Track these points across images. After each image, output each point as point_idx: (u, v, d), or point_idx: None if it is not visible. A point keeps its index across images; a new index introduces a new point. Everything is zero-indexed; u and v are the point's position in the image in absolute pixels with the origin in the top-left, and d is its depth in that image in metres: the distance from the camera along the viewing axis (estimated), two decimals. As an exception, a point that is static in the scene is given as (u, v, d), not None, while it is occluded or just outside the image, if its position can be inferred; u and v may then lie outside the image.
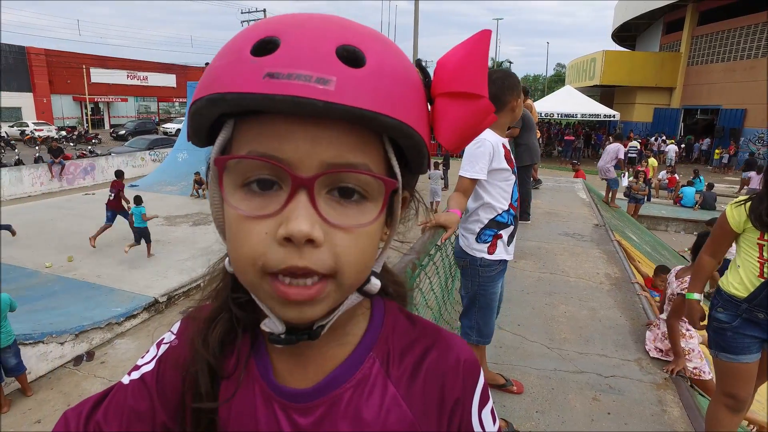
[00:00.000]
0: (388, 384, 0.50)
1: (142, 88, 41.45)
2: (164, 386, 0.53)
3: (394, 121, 0.41)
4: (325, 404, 0.49)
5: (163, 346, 0.57)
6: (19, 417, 4.59)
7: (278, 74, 0.38)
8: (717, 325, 2.03)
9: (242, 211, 0.41)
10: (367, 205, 0.43)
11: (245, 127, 0.42)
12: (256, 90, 0.38)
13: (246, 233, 0.41)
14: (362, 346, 0.52)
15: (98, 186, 15.70)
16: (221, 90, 0.40)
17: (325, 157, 0.40)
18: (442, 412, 0.52)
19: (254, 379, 0.51)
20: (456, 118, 0.47)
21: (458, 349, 0.54)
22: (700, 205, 13.28)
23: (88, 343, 5.84)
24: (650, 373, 2.85)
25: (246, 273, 0.43)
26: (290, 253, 0.40)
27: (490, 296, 2.25)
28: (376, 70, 0.41)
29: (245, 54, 0.40)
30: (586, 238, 5.71)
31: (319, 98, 0.37)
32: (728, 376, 2.04)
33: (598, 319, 3.55)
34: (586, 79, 28.19)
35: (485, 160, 2.09)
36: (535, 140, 5.89)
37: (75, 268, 8.01)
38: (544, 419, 2.40)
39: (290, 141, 0.40)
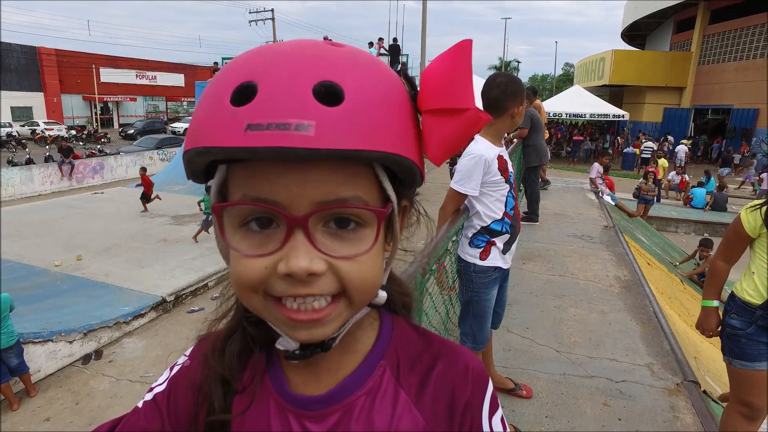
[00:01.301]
0: (399, 391, 0.52)
1: (151, 88, 41.76)
2: (176, 406, 0.55)
3: (378, 154, 0.42)
4: (339, 412, 0.50)
5: (176, 367, 0.59)
6: (29, 415, 4.61)
7: (258, 125, 0.39)
8: (731, 332, 1.99)
9: (242, 252, 0.43)
10: (365, 232, 0.45)
11: (237, 172, 0.44)
12: (239, 144, 0.39)
13: (246, 269, 0.43)
14: (373, 355, 0.53)
15: (107, 185, 15.83)
16: (207, 144, 0.41)
17: (315, 196, 0.42)
18: (453, 418, 0.53)
19: (268, 393, 0.53)
20: (442, 135, 0.47)
21: (466, 358, 0.56)
22: (710, 206, 13.13)
23: (97, 341, 5.87)
24: (662, 379, 2.81)
25: (250, 300, 0.45)
26: (293, 284, 0.42)
27: (484, 303, 2.21)
28: (356, 104, 0.41)
29: (225, 103, 0.41)
30: (595, 239, 5.65)
31: (300, 146, 0.38)
32: (743, 383, 2.00)
33: (608, 323, 3.50)
34: (595, 79, 27.98)
35: (478, 175, 2.10)
36: (543, 141, 5.85)
37: (84, 267, 8.06)
38: (553, 424, 2.37)
39: (281, 184, 0.41)
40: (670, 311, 4.48)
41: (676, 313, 4.70)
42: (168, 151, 19.36)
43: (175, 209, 11.77)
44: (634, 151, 20.80)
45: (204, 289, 7.51)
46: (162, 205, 12.09)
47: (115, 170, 17.15)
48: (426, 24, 19.44)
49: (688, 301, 5.79)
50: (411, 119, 0.47)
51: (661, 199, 13.71)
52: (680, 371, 2.88)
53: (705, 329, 2.11)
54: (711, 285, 2.13)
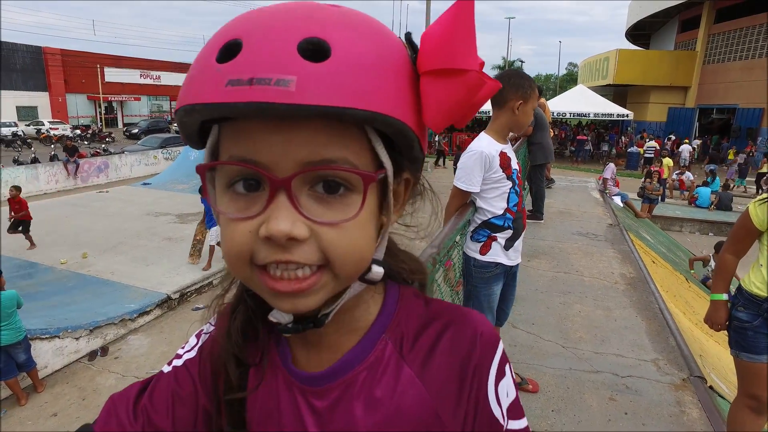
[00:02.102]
0: (402, 365, 0.50)
1: (155, 87, 41.91)
2: (205, 373, 0.55)
3: (366, 113, 0.39)
4: (340, 387, 0.50)
5: (203, 335, 0.59)
6: (36, 410, 4.65)
7: (239, 81, 0.38)
8: (738, 325, 1.99)
9: (227, 214, 0.42)
10: (353, 198, 0.42)
11: (228, 130, 0.43)
12: (220, 99, 0.38)
13: (232, 233, 0.42)
14: (374, 330, 0.52)
15: (112, 184, 15.89)
16: (192, 101, 0.40)
17: (300, 156, 0.40)
18: (462, 387, 0.50)
19: (277, 367, 0.53)
20: (441, 99, 0.44)
21: (475, 323, 0.53)
22: (715, 206, 13.08)
23: (102, 338, 5.91)
24: (668, 374, 2.81)
25: (236, 268, 0.44)
26: (274, 249, 0.41)
27: (484, 298, 2.20)
28: (343, 61, 0.39)
29: (211, 61, 0.40)
30: (600, 237, 5.65)
31: (280, 101, 0.37)
32: (750, 376, 1.99)
33: (613, 319, 3.50)
34: (599, 79, 27.91)
35: (479, 171, 2.10)
36: (548, 139, 5.84)
37: (89, 265, 8.10)
38: (560, 418, 2.37)
39: (265, 143, 0.40)
40: (675, 309, 4.47)
41: (681, 312, 4.69)
42: (172, 150, 19.41)
43: (179, 208, 11.82)
44: (638, 151, 20.75)
45: (209, 286, 7.53)
46: (167, 203, 12.14)
47: (119, 169, 17.21)
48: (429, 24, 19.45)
49: (693, 299, 5.77)
50: (409, 83, 0.44)
51: (666, 198, 13.67)
52: (686, 367, 2.89)
53: (714, 323, 2.10)
54: (720, 278, 2.12)
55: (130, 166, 17.65)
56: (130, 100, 39.86)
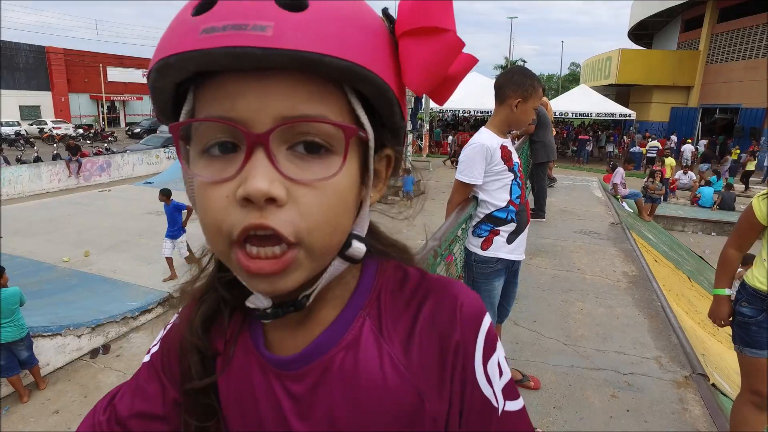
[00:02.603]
0: (381, 343, 0.47)
1: (158, 87, 41.98)
2: (170, 365, 0.54)
3: (344, 63, 0.38)
4: (317, 370, 0.47)
5: (168, 326, 0.57)
6: (38, 407, 4.66)
7: (213, 28, 0.36)
8: (741, 320, 1.98)
9: (203, 178, 0.40)
10: (332, 159, 0.41)
11: (203, 92, 0.40)
12: (194, 47, 0.36)
13: (208, 199, 0.40)
14: (350, 308, 0.48)
15: (114, 183, 15.91)
16: (164, 54, 0.38)
17: (278, 110, 0.38)
18: (444, 365, 0.47)
19: (249, 351, 0.50)
20: (421, 58, 0.43)
21: (456, 294, 0.49)
22: (718, 206, 13.03)
23: (104, 336, 5.91)
24: (670, 371, 2.80)
25: (213, 243, 0.41)
26: (250, 213, 0.38)
27: (484, 294, 2.18)
28: (321, 11, 0.38)
29: (186, 16, 0.39)
30: (602, 236, 5.64)
31: (256, 45, 0.35)
32: (754, 372, 1.98)
33: (615, 317, 3.49)
34: (602, 78, 27.84)
35: (480, 163, 2.10)
36: (551, 137, 5.82)
37: (91, 263, 8.12)
38: (561, 415, 2.37)
39: (241, 98, 0.38)
40: (678, 308, 4.45)
41: (683, 310, 4.67)
42: (174, 150, 19.41)
43: (181, 207, 11.82)
44: (641, 151, 20.70)
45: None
46: (169, 202, 12.15)
47: (121, 168, 17.24)
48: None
49: (695, 298, 5.75)
50: (388, 46, 0.43)
51: (668, 198, 13.63)
52: (688, 364, 2.88)
53: (717, 318, 2.09)
54: (722, 273, 2.10)
55: (132, 165, 17.68)
56: (133, 100, 39.92)
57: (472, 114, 23.53)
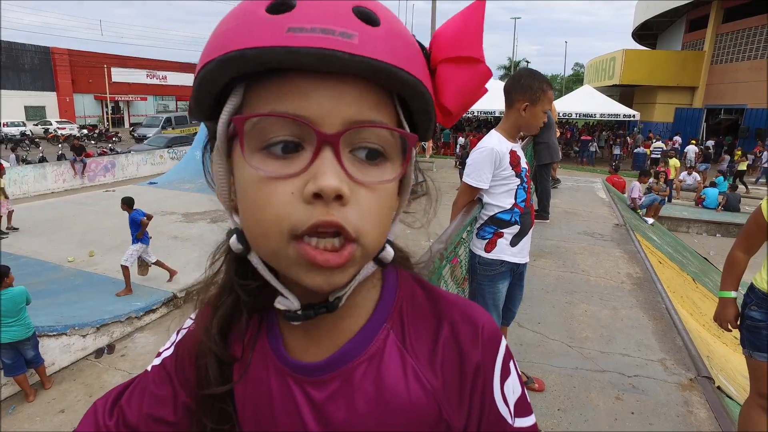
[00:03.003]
0: (405, 356, 0.48)
1: (161, 87, 42.17)
2: (183, 370, 0.54)
3: (412, 78, 0.41)
4: (339, 379, 0.48)
5: (182, 331, 0.58)
6: (44, 406, 4.68)
7: (302, 28, 0.37)
8: (751, 324, 1.95)
9: (265, 172, 0.39)
10: (387, 165, 0.43)
11: (260, 90, 0.41)
12: (280, 43, 0.37)
13: (268, 195, 0.39)
14: (375, 318, 0.50)
15: (118, 183, 15.98)
16: (238, 46, 0.38)
17: (348, 114, 0.40)
18: (464, 383, 0.49)
19: (267, 357, 0.51)
20: (459, 84, 0.48)
21: (477, 317, 0.51)
22: (723, 207, 12.98)
23: (109, 336, 5.94)
24: (675, 374, 2.79)
25: (269, 239, 0.40)
26: (317, 210, 0.39)
27: (488, 296, 2.18)
28: (390, 30, 0.41)
29: (260, 13, 0.39)
30: (606, 237, 5.63)
31: (344, 50, 0.37)
32: (763, 376, 1.95)
33: (619, 319, 3.49)
34: (606, 79, 27.77)
35: (488, 168, 2.10)
36: (555, 139, 5.83)
37: (96, 263, 8.15)
38: (566, 417, 2.37)
39: (314, 98, 0.39)
40: (683, 310, 4.44)
41: (688, 312, 4.65)
42: (178, 150, 19.49)
43: (185, 207, 11.86)
44: (645, 152, 20.62)
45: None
46: (173, 203, 12.19)
47: (126, 168, 17.31)
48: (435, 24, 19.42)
49: (700, 300, 5.73)
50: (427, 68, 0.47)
51: (672, 199, 13.58)
52: (693, 367, 2.87)
53: (723, 321, 2.06)
54: (729, 275, 2.07)
55: (136, 165, 17.75)
56: (137, 100, 40.10)
57: (476, 114, 23.52)
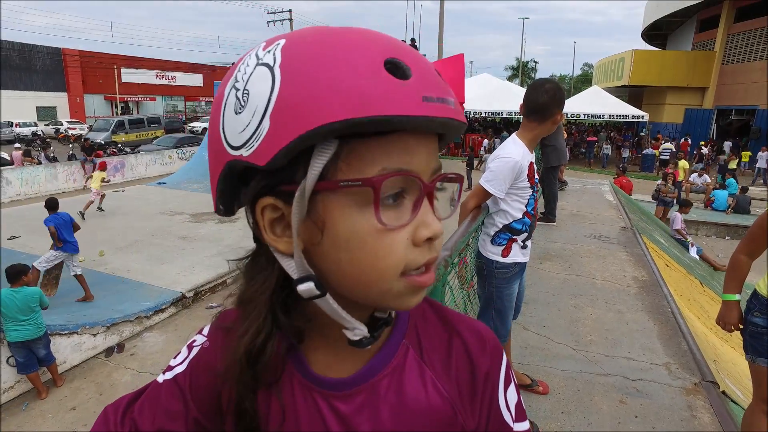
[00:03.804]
0: (423, 368, 0.54)
1: (170, 88, 42.47)
2: (197, 387, 0.56)
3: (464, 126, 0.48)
4: (365, 392, 0.52)
5: (195, 348, 0.59)
6: (56, 403, 4.76)
7: (431, 98, 0.43)
8: (754, 330, 1.96)
9: (391, 226, 0.43)
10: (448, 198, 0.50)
11: (359, 147, 0.42)
12: (420, 113, 0.41)
13: (389, 244, 0.43)
14: (394, 336, 0.55)
15: (128, 183, 16.14)
16: (383, 113, 0.40)
17: (435, 165, 0.47)
18: (475, 389, 0.55)
19: (291, 374, 0.53)
20: None
21: (483, 331, 0.59)
22: (732, 209, 12.87)
23: (119, 335, 6.01)
24: (679, 378, 2.80)
25: (384, 281, 0.44)
26: (427, 251, 0.46)
27: (506, 298, 2.27)
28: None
29: (384, 74, 0.41)
30: (612, 240, 5.62)
31: (455, 118, 0.44)
32: (765, 381, 1.96)
33: (625, 322, 3.49)
34: (614, 80, 27.60)
35: (509, 179, 2.15)
36: (562, 141, 5.83)
37: (106, 263, 8.24)
38: (569, 420, 2.39)
39: (417, 155, 0.45)
40: (689, 313, 4.43)
41: (695, 316, 4.64)
42: (187, 150, 19.65)
43: (194, 207, 11.95)
44: (653, 153, 20.48)
45: (222, 285, 7.63)
46: (181, 203, 12.30)
47: (135, 168, 17.49)
48: (443, 24, 19.42)
49: (707, 303, 5.71)
50: None
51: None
52: (698, 371, 2.87)
53: (726, 323, 2.07)
54: (732, 278, 2.08)
55: (145, 165, 17.92)
56: (146, 100, 40.41)
57: (482, 115, 23.46)
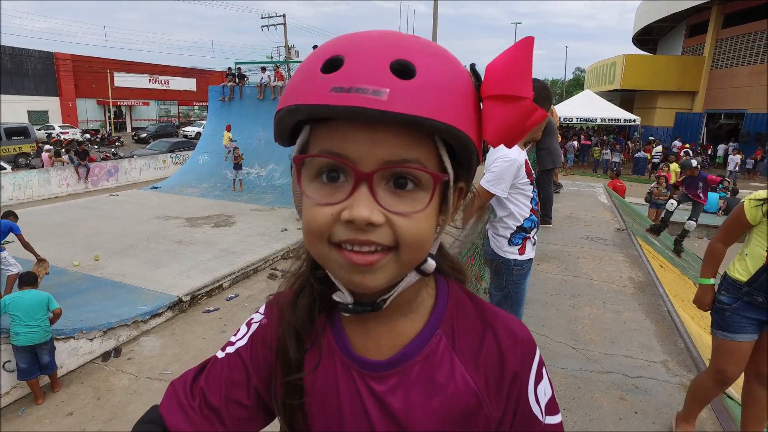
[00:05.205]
0: (454, 358, 0.57)
1: (163, 92, 42.29)
2: (257, 359, 0.62)
3: (440, 124, 0.47)
4: (398, 374, 0.57)
5: (254, 324, 0.66)
6: (53, 409, 4.73)
7: (341, 88, 0.45)
8: (719, 306, 2.17)
9: (314, 199, 0.50)
10: (421, 194, 0.50)
11: (317, 131, 0.50)
12: (324, 102, 0.46)
13: (315, 215, 0.49)
14: (430, 324, 0.59)
15: (121, 187, 16.06)
16: (296, 102, 0.48)
17: (382, 155, 0.47)
18: (501, 386, 0.58)
19: (334, 352, 0.59)
20: (500, 120, 0.51)
21: (516, 328, 0.61)
22: (723, 211, 13.03)
23: (116, 339, 5.99)
24: (677, 375, 2.85)
25: (315, 245, 0.51)
26: (354, 230, 0.48)
27: (521, 292, 2.41)
28: (425, 80, 0.47)
29: (316, 71, 0.48)
30: (608, 242, 5.68)
31: (374, 107, 0.44)
32: (722, 352, 2.17)
33: (622, 321, 3.54)
34: (606, 84, 27.89)
35: (510, 178, 2.25)
36: (557, 144, 5.89)
37: (101, 267, 8.21)
38: (571, 417, 2.42)
39: (353, 142, 0.47)
40: (684, 313, 4.49)
41: (689, 315, 4.71)
42: (181, 155, 19.59)
43: (189, 211, 11.92)
44: (646, 156, 20.70)
45: (219, 289, 7.62)
46: (176, 207, 12.27)
47: (129, 173, 17.42)
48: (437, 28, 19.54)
49: (701, 303, 5.78)
50: (473, 104, 0.52)
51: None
52: (695, 368, 2.92)
53: (701, 304, 2.26)
54: (709, 264, 2.28)
55: (139, 169, 17.85)
56: (139, 105, 40.24)
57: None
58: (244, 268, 8.07)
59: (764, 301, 2.03)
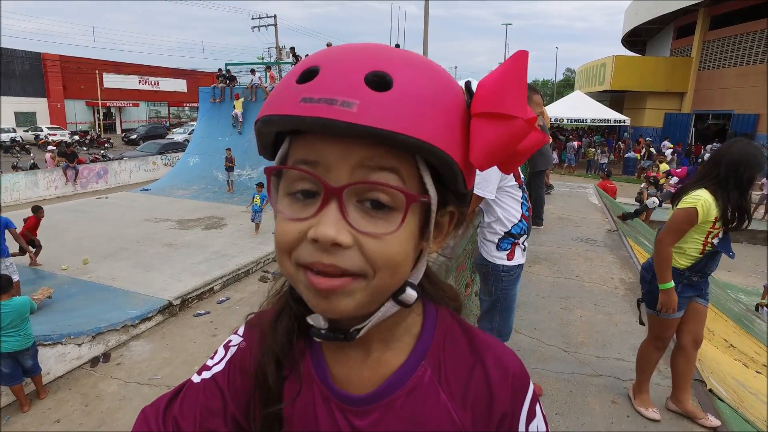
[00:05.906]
0: (440, 392, 0.54)
1: (154, 93, 41.99)
2: (235, 386, 0.59)
3: (413, 140, 0.43)
4: (380, 409, 0.53)
5: (232, 348, 0.62)
6: (39, 416, 4.65)
7: (311, 99, 0.43)
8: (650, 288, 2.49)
9: (283, 214, 0.48)
10: (395, 215, 0.46)
11: (295, 144, 0.48)
12: (292, 112, 0.44)
13: (282, 231, 0.47)
14: (415, 355, 0.55)
15: (111, 190, 15.90)
16: (270, 112, 0.47)
17: (352, 171, 0.44)
18: (491, 421, 0.54)
19: (313, 381, 0.56)
20: (486, 140, 0.46)
21: (508, 361, 0.56)
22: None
23: (105, 344, 5.91)
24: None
25: (283, 263, 0.49)
26: (318, 251, 0.45)
27: (511, 298, 2.37)
28: (403, 93, 0.43)
29: (292, 81, 0.46)
30: (599, 243, 5.71)
31: (341, 119, 0.42)
32: (662, 327, 2.52)
33: (614, 324, 3.55)
34: (596, 85, 28.09)
35: (495, 180, 2.24)
36: (548, 146, 5.91)
37: (90, 271, 8.11)
38: (564, 421, 2.42)
39: (324, 155, 0.45)
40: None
41: (680, 316, 4.75)
42: (171, 156, 19.44)
43: (179, 214, 11.83)
44: (635, 156, 20.86)
45: (210, 293, 7.55)
46: (166, 209, 12.16)
47: (118, 175, 17.25)
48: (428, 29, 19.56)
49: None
50: (460, 122, 0.47)
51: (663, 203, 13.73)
52: (686, 371, 2.93)
53: (669, 307, 2.41)
54: (666, 269, 2.41)
55: (129, 172, 17.69)
56: (129, 106, 39.90)
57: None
58: (235, 270, 8.02)
59: (698, 280, 2.45)
